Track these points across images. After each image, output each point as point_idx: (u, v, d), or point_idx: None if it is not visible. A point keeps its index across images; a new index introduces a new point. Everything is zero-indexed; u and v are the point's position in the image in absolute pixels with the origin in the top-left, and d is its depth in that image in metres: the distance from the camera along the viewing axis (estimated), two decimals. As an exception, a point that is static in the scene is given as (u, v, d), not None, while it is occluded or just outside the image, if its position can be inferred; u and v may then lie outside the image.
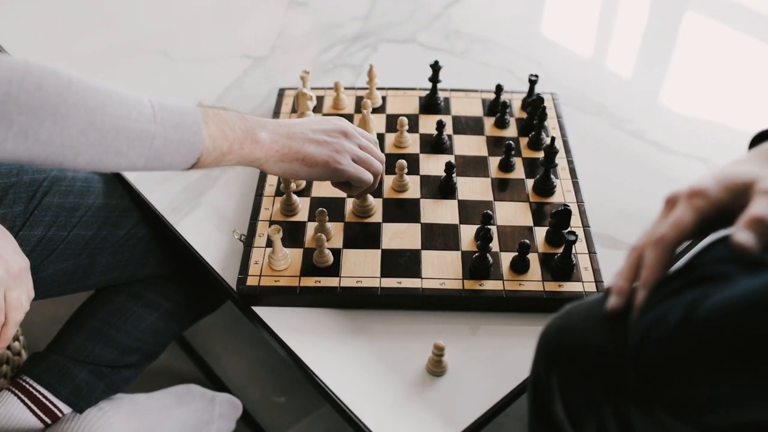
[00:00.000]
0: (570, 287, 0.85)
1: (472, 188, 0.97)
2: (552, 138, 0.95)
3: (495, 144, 1.04)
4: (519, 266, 0.87)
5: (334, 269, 0.87)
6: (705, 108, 1.20)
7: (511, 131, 1.07)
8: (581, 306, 0.60)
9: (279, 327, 0.85)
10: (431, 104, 1.10)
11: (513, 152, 0.99)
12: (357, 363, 0.82)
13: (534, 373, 0.63)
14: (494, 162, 1.01)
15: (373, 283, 0.85)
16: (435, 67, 1.07)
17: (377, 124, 1.06)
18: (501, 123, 1.07)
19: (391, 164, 0.98)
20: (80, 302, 1.07)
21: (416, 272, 0.87)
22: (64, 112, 0.64)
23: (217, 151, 0.72)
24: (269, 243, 0.88)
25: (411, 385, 0.79)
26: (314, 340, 0.83)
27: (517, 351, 0.82)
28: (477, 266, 0.86)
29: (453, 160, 1.00)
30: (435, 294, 0.85)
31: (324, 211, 0.88)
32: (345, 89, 1.11)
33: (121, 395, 1.05)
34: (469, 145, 1.04)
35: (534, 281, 0.86)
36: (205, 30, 1.33)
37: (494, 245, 0.89)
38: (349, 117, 1.08)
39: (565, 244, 0.85)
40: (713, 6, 1.47)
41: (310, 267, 0.87)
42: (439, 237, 0.91)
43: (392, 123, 1.06)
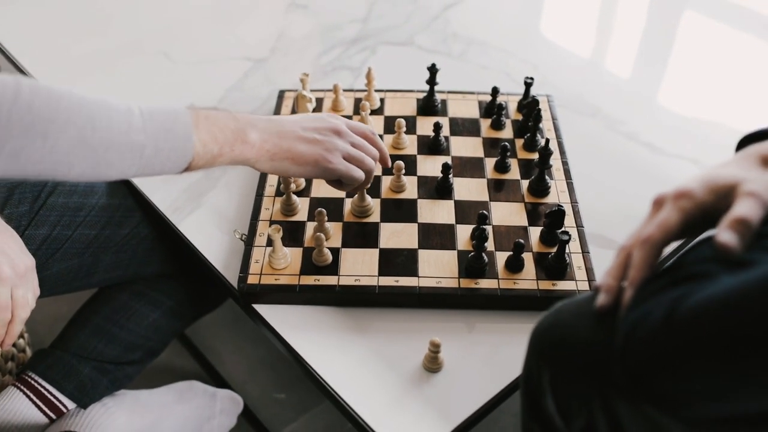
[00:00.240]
0: (563, 286, 0.87)
1: (469, 189, 0.99)
2: (546, 140, 0.96)
3: (491, 145, 1.06)
4: (514, 265, 0.88)
5: (333, 268, 0.89)
6: (698, 110, 1.21)
7: (507, 133, 1.08)
8: (571, 303, 0.62)
9: (279, 324, 0.86)
10: (428, 106, 1.11)
11: (509, 153, 1.01)
12: (355, 359, 0.83)
13: (526, 369, 0.64)
14: (490, 163, 1.03)
15: (371, 282, 0.87)
16: (432, 70, 1.09)
17: (375, 126, 1.08)
18: (497, 125, 1.08)
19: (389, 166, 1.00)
20: (83, 300, 1.09)
21: (413, 271, 0.88)
22: (55, 131, 0.64)
23: (208, 155, 0.73)
24: (269, 242, 0.90)
25: (408, 381, 0.81)
26: (313, 337, 0.85)
27: (512, 348, 0.83)
28: (473, 265, 0.88)
29: (450, 161, 1.01)
30: (431, 292, 0.86)
31: (323, 211, 0.90)
32: (344, 91, 1.13)
33: (124, 391, 1.07)
34: (466, 147, 1.06)
35: (528, 280, 0.88)
36: (206, 32, 1.35)
37: (490, 245, 0.91)
38: (348, 119, 1.09)
39: (559, 244, 0.87)
40: (708, 8, 1.48)
41: (310, 266, 0.89)
42: (436, 236, 0.93)
43: (390, 125, 1.08)
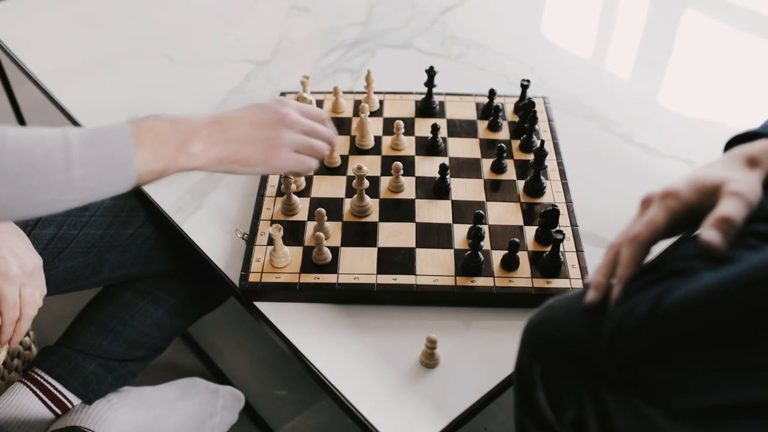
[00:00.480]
0: (558, 284, 0.89)
1: (466, 189, 1.01)
2: (542, 141, 0.98)
3: (488, 146, 1.08)
4: (509, 264, 0.90)
5: (333, 266, 0.91)
6: (693, 112, 1.23)
7: (504, 134, 1.10)
8: (562, 300, 0.64)
9: (279, 321, 0.88)
10: (427, 108, 1.13)
11: (505, 154, 1.03)
12: (354, 356, 0.85)
13: (518, 364, 0.66)
14: (487, 164, 1.05)
15: (370, 280, 0.89)
16: (430, 73, 1.10)
17: (375, 128, 1.10)
18: (494, 126, 1.10)
19: (388, 166, 1.02)
20: (88, 299, 1.11)
21: (411, 269, 0.90)
22: None
23: (152, 174, 0.72)
24: (270, 241, 0.92)
25: (405, 377, 0.83)
26: (313, 334, 0.87)
27: (507, 344, 0.85)
28: (469, 263, 0.90)
29: (447, 162, 1.04)
30: (428, 290, 0.88)
31: (323, 211, 0.92)
32: (344, 93, 1.15)
33: (128, 388, 1.08)
34: (463, 148, 1.08)
35: (523, 278, 0.90)
36: (209, 35, 1.37)
37: (486, 243, 0.93)
38: (348, 120, 1.12)
39: (553, 243, 0.89)
40: (703, 10, 1.50)
41: (310, 264, 0.91)
42: (433, 236, 0.95)
43: (389, 126, 1.10)
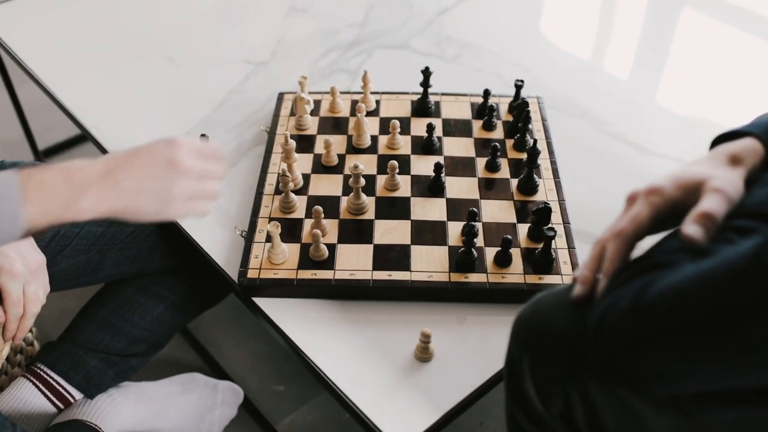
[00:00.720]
0: (549, 280, 0.91)
1: (460, 187, 1.03)
2: (534, 140, 1.00)
3: (482, 146, 1.10)
4: (502, 260, 0.92)
5: (329, 263, 0.93)
6: (683, 111, 1.25)
7: (498, 133, 1.12)
8: (551, 294, 0.66)
9: (277, 316, 0.90)
10: (422, 108, 1.15)
11: (499, 153, 1.05)
12: (350, 350, 0.87)
13: (508, 356, 0.68)
14: (481, 162, 1.07)
15: (366, 276, 0.91)
16: (426, 73, 1.12)
17: (371, 127, 1.12)
18: (488, 126, 1.12)
19: (384, 165, 1.04)
20: (89, 296, 1.12)
21: (406, 265, 0.92)
22: None
23: (39, 228, 0.69)
24: (269, 238, 0.93)
25: (400, 371, 0.85)
26: (310, 329, 0.89)
27: (500, 339, 0.87)
28: (463, 260, 0.92)
29: (442, 161, 1.05)
30: (423, 286, 0.90)
31: (320, 209, 0.94)
32: (341, 93, 1.17)
33: (129, 383, 1.10)
34: (458, 147, 1.10)
35: (516, 274, 0.92)
36: (209, 36, 1.39)
37: (479, 240, 0.95)
38: (345, 120, 1.14)
39: (545, 240, 0.91)
40: (697, 11, 1.52)
41: (307, 261, 0.93)
42: (428, 233, 0.97)
43: (385, 126, 1.12)
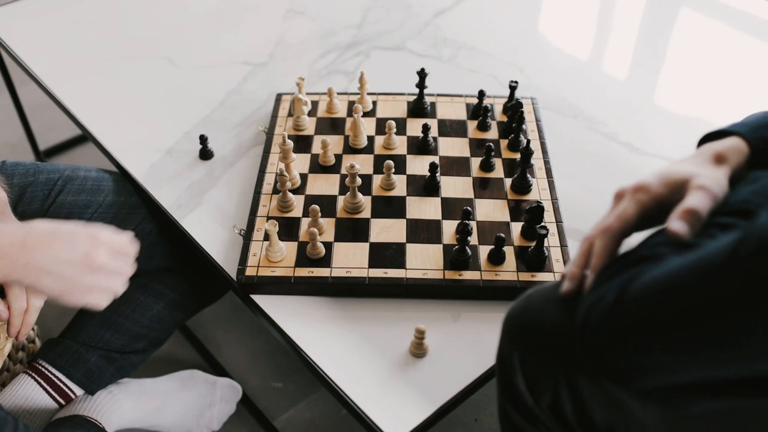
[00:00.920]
0: (542, 277, 0.93)
1: (455, 186, 1.05)
2: (528, 140, 1.02)
3: (477, 146, 1.12)
4: (495, 258, 0.94)
5: (326, 261, 0.94)
6: (676, 112, 1.27)
7: (493, 134, 1.14)
8: (540, 290, 0.67)
9: (275, 314, 0.92)
10: (418, 108, 1.17)
11: (493, 153, 1.06)
12: (346, 346, 0.89)
13: (500, 351, 0.70)
14: (476, 162, 1.09)
15: (362, 273, 0.93)
16: (421, 74, 1.14)
17: (368, 127, 1.14)
18: (483, 126, 1.14)
19: (380, 165, 1.05)
20: (90, 293, 1.14)
21: (401, 263, 0.94)
22: None
23: None
24: (266, 237, 0.95)
25: (395, 366, 0.87)
26: (307, 325, 0.91)
27: (493, 336, 0.88)
28: (457, 258, 0.93)
29: (437, 161, 1.07)
30: (418, 283, 0.92)
31: (317, 208, 0.95)
32: (338, 94, 1.18)
33: (129, 379, 1.12)
34: (453, 147, 1.11)
35: (509, 272, 0.93)
36: (208, 38, 1.40)
37: (473, 239, 0.97)
38: (342, 120, 1.16)
39: (538, 238, 0.92)
40: (690, 12, 1.54)
41: (304, 259, 0.94)
42: (423, 231, 0.98)
43: (382, 126, 1.14)
